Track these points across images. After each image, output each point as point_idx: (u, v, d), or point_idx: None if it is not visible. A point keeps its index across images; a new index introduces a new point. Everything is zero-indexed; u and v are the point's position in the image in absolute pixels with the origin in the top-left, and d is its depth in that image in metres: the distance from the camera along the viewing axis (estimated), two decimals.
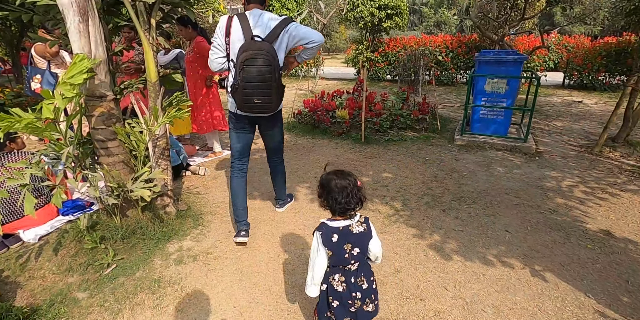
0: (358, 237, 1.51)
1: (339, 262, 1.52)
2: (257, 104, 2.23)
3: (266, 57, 2.12)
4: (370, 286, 1.58)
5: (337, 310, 1.56)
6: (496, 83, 4.63)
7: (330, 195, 1.49)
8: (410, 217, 2.99)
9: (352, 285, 1.54)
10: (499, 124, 4.80)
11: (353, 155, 4.46)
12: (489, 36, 6.55)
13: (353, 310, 1.55)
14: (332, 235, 1.49)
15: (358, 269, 1.55)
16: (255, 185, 3.67)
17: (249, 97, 2.20)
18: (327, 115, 5.65)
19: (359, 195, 1.50)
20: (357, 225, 1.51)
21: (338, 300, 1.56)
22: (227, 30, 2.24)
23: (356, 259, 1.53)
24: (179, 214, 2.91)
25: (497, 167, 4.03)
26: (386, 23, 9.66)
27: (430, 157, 4.37)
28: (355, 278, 1.54)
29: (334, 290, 1.55)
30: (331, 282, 1.56)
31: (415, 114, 5.43)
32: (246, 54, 2.11)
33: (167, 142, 2.66)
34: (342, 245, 1.49)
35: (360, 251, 1.52)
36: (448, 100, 7.94)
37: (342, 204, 1.47)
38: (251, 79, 2.14)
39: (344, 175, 1.51)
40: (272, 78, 2.18)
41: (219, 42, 2.28)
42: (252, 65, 2.12)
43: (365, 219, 1.56)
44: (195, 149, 4.55)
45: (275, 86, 2.23)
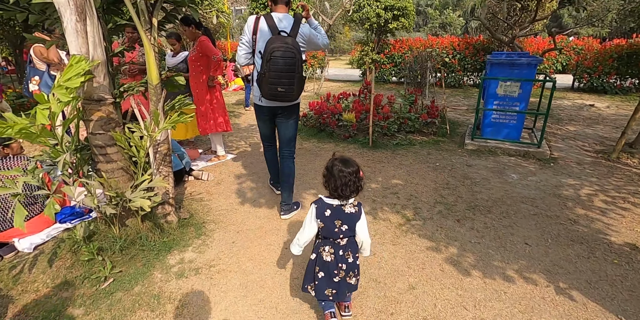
0: (348, 216, 1.70)
1: (329, 234, 1.73)
2: (281, 93, 2.50)
3: (291, 50, 2.40)
4: (355, 261, 1.79)
5: (320, 282, 1.76)
6: (509, 86, 4.48)
7: (331, 179, 1.67)
8: (423, 227, 2.84)
9: (340, 257, 1.75)
10: (512, 129, 4.64)
11: (361, 160, 4.31)
12: (498, 38, 6.39)
13: (337, 280, 1.76)
14: (326, 210, 1.69)
15: (346, 244, 1.76)
16: (261, 191, 3.54)
17: (274, 86, 2.47)
18: (333, 118, 5.52)
19: (357, 184, 1.66)
20: (349, 207, 1.70)
21: (324, 271, 1.76)
22: (254, 28, 2.55)
23: (345, 235, 1.73)
24: (181, 222, 2.77)
25: (510, 174, 3.88)
26: (392, 24, 9.53)
27: (440, 163, 4.22)
28: (343, 252, 1.76)
29: (322, 260, 1.76)
30: (321, 253, 1.76)
31: (423, 118, 5.28)
32: (274, 46, 2.38)
33: (168, 147, 2.53)
34: (333, 220, 1.70)
35: (348, 228, 1.72)
36: (456, 103, 7.78)
37: (339, 189, 1.65)
38: (277, 68, 2.40)
39: (347, 165, 1.67)
40: (296, 69, 2.46)
41: (247, 39, 2.59)
42: (279, 57, 2.38)
43: (358, 203, 1.75)
44: (198, 153, 4.43)
45: (298, 77, 2.51)
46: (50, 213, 1.89)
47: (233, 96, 9.28)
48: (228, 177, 3.89)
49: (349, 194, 1.66)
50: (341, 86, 10.60)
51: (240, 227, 2.85)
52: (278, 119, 2.86)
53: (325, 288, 1.76)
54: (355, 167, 1.68)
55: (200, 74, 3.97)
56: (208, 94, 4.07)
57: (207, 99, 4.05)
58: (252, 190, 3.55)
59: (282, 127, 2.88)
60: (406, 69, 9.01)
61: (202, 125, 4.20)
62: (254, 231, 2.80)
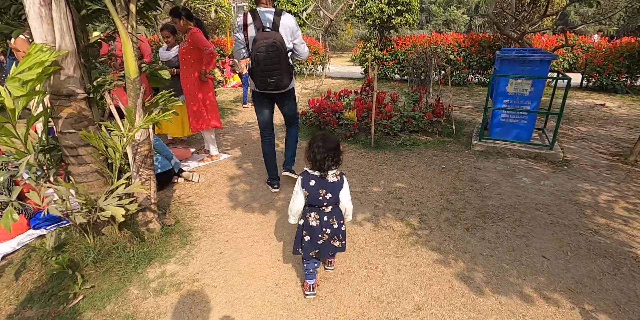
0: (331, 185, 1.88)
1: (314, 202, 1.89)
2: (272, 83, 2.76)
3: (274, 44, 2.60)
4: (339, 227, 1.96)
5: (306, 245, 1.94)
6: (520, 84, 4.23)
7: (310, 152, 1.84)
8: (430, 237, 2.60)
9: (324, 223, 1.91)
10: (522, 129, 4.39)
11: (362, 162, 4.07)
12: (507, 34, 6.12)
13: (320, 243, 1.93)
14: (311, 180, 1.87)
15: (331, 211, 1.93)
16: (255, 194, 3.30)
17: (264, 78, 2.73)
18: (334, 116, 5.27)
19: (335, 158, 1.84)
20: (332, 176, 1.88)
21: (310, 234, 1.92)
22: (244, 25, 2.71)
23: (329, 203, 1.90)
24: (165, 230, 2.53)
25: (522, 178, 3.63)
26: (396, 20, 9.25)
27: (447, 165, 3.97)
28: (328, 218, 1.92)
29: (308, 225, 1.92)
30: (307, 219, 1.92)
31: (428, 117, 5.03)
32: (258, 42, 2.61)
33: (149, 148, 2.29)
34: (318, 190, 1.86)
35: (332, 196, 1.88)
36: (461, 101, 7.52)
37: (317, 162, 1.83)
38: (265, 62, 2.64)
39: (326, 140, 1.83)
40: (281, 60, 2.68)
41: (240, 36, 2.78)
42: (264, 51, 2.60)
43: (340, 173, 1.92)
44: (190, 152, 4.18)
45: (285, 67, 2.73)
46: (6, 224, 1.65)
47: (231, 93, 9.03)
48: (220, 179, 3.65)
49: (327, 168, 1.84)
50: (343, 83, 10.33)
51: (229, 235, 2.61)
52: (278, 103, 3.18)
53: (310, 250, 1.94)
54: (334, 144, 1.84)
55: (191, 69, 3.73)
56: (200, 91, 3.82)
57: (198, 96, 3.81)
58: (245, 194, 3.31)
59: (284, 108, 3.25)
60: (410, 66, 8.76)
61: (192, 124, 3.96)
62: (245, 240, 2.56)
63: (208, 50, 3.48)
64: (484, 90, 8.86)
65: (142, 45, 4.20)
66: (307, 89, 9.05)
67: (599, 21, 12.40)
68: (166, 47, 4.37)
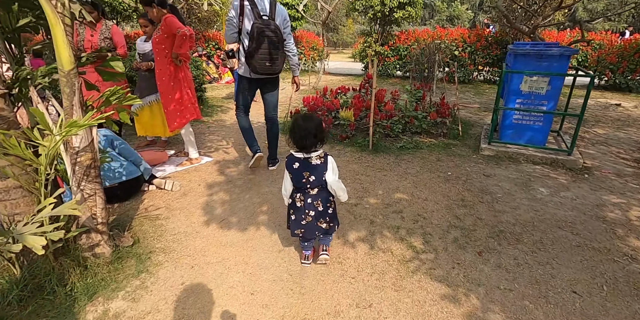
0: (315, 167, 1.86)
1: (298, 184, 1.91)
2: (269, 66, 2.94)
3: (274, 30, 2.85)
4: (326, 210, 1.96)
5: (293, 222, 1.99)
6: (535, 82, 3.79)
7: (292, 133, 1.85)
8: (435, 263, 2.19)
9: (308, 205, 1.92)
10: (537, 132, 3.96)
11: (358, 167, 3.65)
12: (518, 28, 5.66)
13: (304, 223, 1.95)
14: (294, 163, 1.88)
15: (316, 194, 1.93)
16: (234, 205, 2.88)
17: (263, 61, 2.89)
18: (330, 115, 4.85)
19: (319, 136, 1.84)
20: (315, 159, 1.87)
21: (295, 214, 1.97)
22: (241, 10, 2.85)
23: (313, 185, 1.90)
24: (117, 254, 2.12)
25: (538, 188, 3.21)
26: (398, 13, 8.78)
27: (453, 172, 3.55)
28: (312, 200, 1.92)
29: (295, 205, 1.96)
30: (294, 199, 1.95)
31: (432, 117, 4.59)
32: (258, 28, 2.79)
33: (92, 157, 1.87)
34: (302, 172, 1.87)
35: (316, 179, 1.88)
36: (466, 100, 7.07)
37: (298, 141, 1.84)
38: (264, 47, 2.83)
39: (307, 119, 1.85)
40: (279, 46, 2.93)
41: (235, 21, 2.88)
42: (263, 37, 2.80)
43: (325, 154, 1.90)
44: (166, 155, 3.75)
45: (282, 53, 2.99)
46: None
47: (224, 89, 8.58)
48: (198, 187, 3.23)
49: (310, 146, 1.83)
50: (341, 80, 9.89)
51: (196, 260, 2.19)
52: (263, 89, 3.32)
53: (296, 228, 2.00)
54: (316, 121, 1.86)
55: (166, 60, 3.30)
56: (176, 87, 3.39)
57: (174, 92, 3.38)
58: (224, 205, 2.89)
59: (268, 95, 3.35)
60: (412, 62, 8.30)
61: (169, 123, 3.55)
62: (214, 266, 2.14)
63: (180, 32, 3.04)
64: (490, 88, 8.41)
65: (115, 36, 3.77)
66: (304, 86, 8.60)
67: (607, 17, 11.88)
68: (144, 38, 3.93)
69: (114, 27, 3.77)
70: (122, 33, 3.88)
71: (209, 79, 9.56)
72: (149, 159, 3.54)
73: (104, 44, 3.74)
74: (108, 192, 2.79)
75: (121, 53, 3.83)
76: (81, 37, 3.65)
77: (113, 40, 3.77)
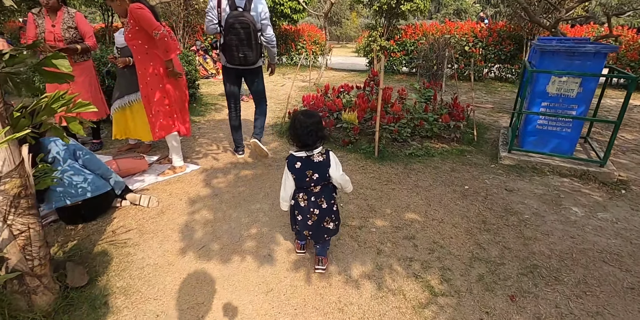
0: (318, 165, 1.84)
1: (301, 184, 1.88)
2: (241, 57, 3.03)
3: (245, 23, 2.92)
4: (330, 207, 1.93)
5: (301, 223, 1.95)
6: (565, 83, 3.34)
7: (293, 130, 1.83)
8: (458, 311, 1.77)
9: (312, 203, 1.89)
10: (564, 139, 3.51)
11: (363, 178, 3.22)
12: (537, 21, 5.15)
13: (310, 224, 1.91)
14: (296, 162, 1.84)
15: (320, 191, 1.90)
16: (218, 228, 2.47)
17: (234, 53, 3.01)
18: (331, 116, 4.41)
19: (320, 133, 1.82)
20: (317, 156, 1.84)
21: (301, 214, 1.93)
22: (218, 2, 2.96)
23: (317, 183, 1.87)
24: (64, 300, 1.70)
25: (571, 207, 2.78)
26: (405, 6, 8.26)
27: (470, 185, 3.12)
28: (316, 198, 1.89)
29: (298, 205, 1.92)
30: (297, 199, 1.92)
31: (445, 120, 4.15)
32: (231, 20, 2.91)
33: (21, 183, 1.44)
34: (305, 171, 1.84)
35: (319, 176, 1.85)
36: (478, 99, 6.61)
37: (301, 138, 1.81)
38: (235, 38, 2.95)
39: (308, 115, 1.83)
40: (251, 37, 2.97)
41: (213, 12, 2.99)
42: (235, 28, 2.91)
43: (326, 151, 1.88)
44: (146, 164, 3.33)
45: (254, 44, 3.02)
46: None
47: (220, 85, 8.10)
48: (179, 202, 2.82)
49: (312, 143, 1.81)
50: (345, 76, 9.41)
51: (164, 305, 1.78)
52: (247, 81, 3.42)
53: (304, 229, 1.94)
54: (317, 117, 1.84)
55: (146, 59, 2.86)
56: (159, 89, 2.96)
57: (156, 94, 2.95)
58: (206, 227, 2.48)
59: (252, 85, 3.44)
60: (420, 58, 7.83)
61: (152, 129, 3.13)
62: (186, 314, 1.73)
63: (158, 34, 2.60)
64: (502, 86, 7.92)
65: (80, 25, 3.33)
66: (305, 82, 8.15)
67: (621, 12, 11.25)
68: (122, 31, 3.49)
69: (77, 14, 3.33)
70: (87, 21, 3.45)
71: (206, 75, 9.11)
72: (125, 168, 3.13)
73: (69, 35, 3.29)
74: (70, 212, 2.39)
75: (90, 44, 3.40)
76: (41, 28, 3.21)
77: (79, 30, 3.33)
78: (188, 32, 11.28)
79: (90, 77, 3.57)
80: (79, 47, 3.31)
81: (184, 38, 11.22)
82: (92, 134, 3.99)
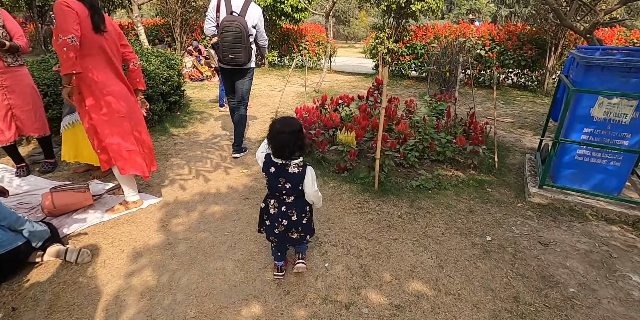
0: (291, 175, 1.76)
1: (273, 189, 1.81)
2: (232, 58, 3.26)
3: (238, 26, 3.14)
4: (300, 220, 1.86)
5: (268, 228, 1.91)
6: (616, 106, 2.65)
7: (270, 139, 1.73)
8: None
9: (282, 213, 1.83)
10: (611, 175, 2.83)
11: (357, 222, 2.58)
12: (570, 25, 4.40)
13: (277, 232, 1.86)
14: (271, 167, 1.78)
15: (292, 202, 1.83)
16: (157, 300, 1.84)
17: (226, 53, 3.24)
18: (326, 134, 3.77)
19: (298, 142, 1.70)
20: (293, 167, 1.75)
21: (269, 220, 1.88)
22: (217, 6, 3.25)
23: (290, 194, 1.80)
24: None
25: (629, 274, 2.11)
26: (416, 5, 7.55)
27: (494, 235, 2.46)
28: (287, 208, 1.83)
29: (268, 211, 1.87)
30: (268, 204, 1.86)
31: (460, 142, 3.48)
32: (225, 23, 3.15)
33: None
34: (277, 177, 1.77)
35: (291, 186, 1.77)
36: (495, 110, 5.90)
37: (278, 150, 1.71)
38: (227, 40, 3.18)
39: (285, 124, 1.71)
40: (242, 40, 3.20)
41: (212, 15, 3.30)
42: (228, 31, 3.14)
43: (304, 164, 1.78)
44: (90, 197, 2.68)
45: (244, 47, 3.23)
46: None
47: (214, 89, 7.48)
48: (119, 255, 2.20)
49: (289, 155, 1.71)
50: (349, 80, 8.74)
51: None
52: (235, 78, 3.55)
53: (270, 235, 1.91)
54: (296, 126, 1.71)
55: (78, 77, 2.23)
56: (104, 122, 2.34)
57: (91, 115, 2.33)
58: (141, 301, 1.86)
59: (238, 85, 3.57)
60: (431, 62, 7.13)
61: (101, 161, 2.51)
62: None
63: (60, 40, 1.97)
64: (521, 95, 7.19)
65: (7, 22, 2.77)
66: (310, 85, 7.49)
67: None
68: None
69: (2, 12, 2.74)
70: (14, 19, 2.87)
71: (200, 77, 8.51)
72: (62, 204, 2.52)
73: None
74: None
75: (22, 44, 2.82)
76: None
77: (6, 28, 2.76)
78: (186, 31, 10.70)
79: (30, 87, 3.00)
80: (7, 43, 2.72)
81: (181, 37, 10.65)
82: (44, 153, 3.40)
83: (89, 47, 2.15)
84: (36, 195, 2.84)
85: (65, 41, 1.95)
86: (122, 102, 2.37)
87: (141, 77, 2.61)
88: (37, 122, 3.20)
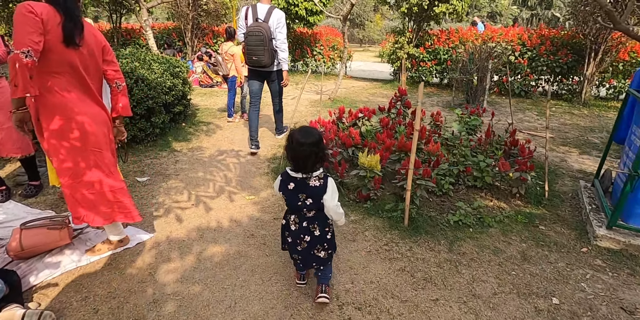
0: (313, 189, 1.66)
1: (292, 207, 1.74)
2: (255, 60, 3.63)
3: (260, 31, 3.50)
4: (324, 235, 1.75)
5: (290, 247, 1.82)
6: None
7: (289, 151, 1.64)
8: None
9: (303, 228, 1.74)
10: None
11: (385, 272, 2.09)
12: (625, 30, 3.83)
13: (299, 249, 1.76)
14: (289, 183, 1.68)
15: (314, 216, 1.74)
16: None
17: (250, 55, 3.63)
18: (344, 153, 3.30)
19: (320, 155, 1.62)
20: (314, 180, 1.66)
21: (291, 237, 1.79)
22: (245, 15, 3.69)
23: (310, 208, 1.71)
24: None
25: None
26: (440, 8, 7.03)
27: (561, 297, 1.94)
28: (308, 224, 1.73)
29: (289, 227, 1.78)
30: (288, 220, 1.78)
31: (503, 168, 2.95)
32: (250, 28, 3.55)
33: None
34: (297, 194, 1.68)
35: (313, 202, 1.68)
36: (529, 123, 5.33)
37: (298, 162, 1.62)
38: (251, 44, 3.56)
39: (306, 134, 1.61)
40: (264, 44, 3.54)
41: (242, 24, 3.73)
42: (252, 36, 3.53)
43: (324, 175, 1.69)
44: (67, 237, 2.25)
45: (267, 49, 3.57)
46: None
47: (223, 96, 7.03)
48: (85, 317, 1.76)
49: (311, 168, 1.63)
50: (365, 87, 8.26)
51: None
52: (266, 79, 3.97)
53: (293, 253, 1.82)
54: (316, 137, 1.62)
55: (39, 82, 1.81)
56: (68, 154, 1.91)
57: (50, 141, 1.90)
58: None
59: (271, 86, 4.07)
60: (456, 69, 6.60)
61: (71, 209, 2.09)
62: None
63: (11, 54, 1.55)
64: (557, 105, 6.57)
65: None
66: (326, 92, 7.03)
67: None
68: None
69: None
70: None
71: (210, 83, 8.14)
72: (30, 245, 2.10)
73: None
74: None
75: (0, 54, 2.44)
76: None
77: None
78: (197, 35, 10.39)
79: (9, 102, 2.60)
80: None
81: (192, 41, 10.34)
82: (28, 174, 3.03)
83: (56, 63, 1.72)
84: (10, 229, 2.44)
85: (17, 56, 1.52)
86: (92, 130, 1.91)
87: (125, 102, 2.10)
88: (18, 141, 2.83)
